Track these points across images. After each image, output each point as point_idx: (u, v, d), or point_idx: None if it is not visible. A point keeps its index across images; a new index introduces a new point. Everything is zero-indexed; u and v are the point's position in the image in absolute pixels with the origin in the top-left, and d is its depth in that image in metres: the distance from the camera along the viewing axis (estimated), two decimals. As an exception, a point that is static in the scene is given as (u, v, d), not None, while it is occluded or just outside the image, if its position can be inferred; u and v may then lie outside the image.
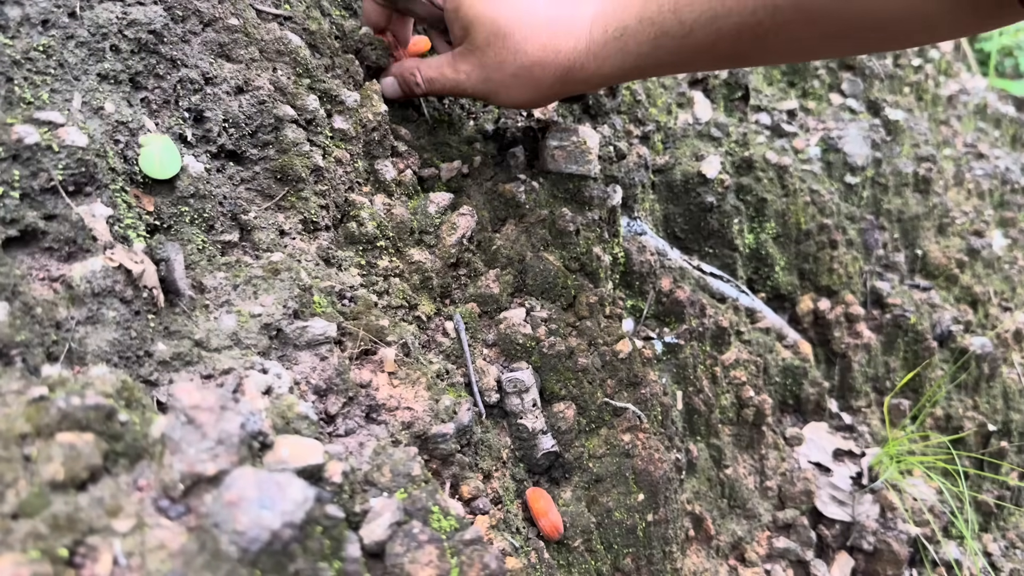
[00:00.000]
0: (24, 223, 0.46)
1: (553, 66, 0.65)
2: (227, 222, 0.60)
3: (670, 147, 1.06)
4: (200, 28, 0.59)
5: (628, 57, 0.63)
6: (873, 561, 0.96)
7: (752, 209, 1.06)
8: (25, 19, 0.50)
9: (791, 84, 1.34)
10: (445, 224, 0.75)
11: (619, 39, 0.62)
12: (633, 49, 0.62)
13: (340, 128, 0.69)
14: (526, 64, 0.65)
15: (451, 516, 0.47)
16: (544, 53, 0.64)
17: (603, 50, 0.63)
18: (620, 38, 0.62)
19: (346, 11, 0.78)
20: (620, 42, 0.62)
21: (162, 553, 0.33)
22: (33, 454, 0.34)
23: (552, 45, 0.64)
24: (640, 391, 0.83)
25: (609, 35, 0.63)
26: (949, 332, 1.21)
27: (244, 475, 0.34)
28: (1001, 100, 2.00)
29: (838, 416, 1.09)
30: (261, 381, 0.51)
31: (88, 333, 0.47)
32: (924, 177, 1.33)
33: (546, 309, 0.77)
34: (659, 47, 0.61)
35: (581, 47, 0.64)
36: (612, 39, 0.63)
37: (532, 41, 0.64)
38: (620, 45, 0.63)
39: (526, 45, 0.64)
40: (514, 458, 0.70)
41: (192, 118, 0.59)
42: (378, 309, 0.65)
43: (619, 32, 0.62)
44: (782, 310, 1.11)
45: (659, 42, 0.61)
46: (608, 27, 0.63)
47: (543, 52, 0.64)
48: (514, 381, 0.70)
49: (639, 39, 0.62)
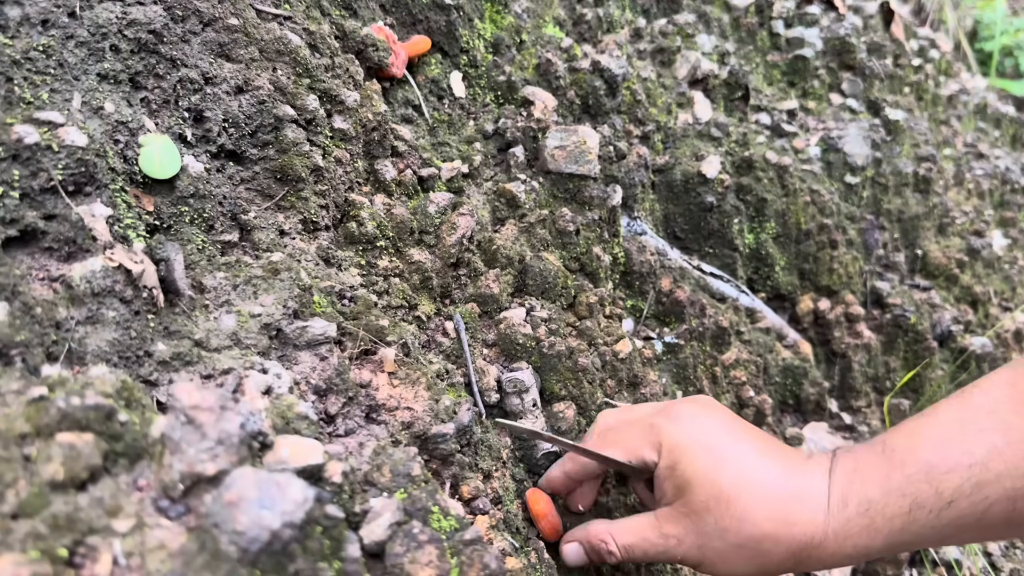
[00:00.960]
0: (24, 223, 0.46)
1: (787, 541, 0.56)
2: (227, 222, 0.60)
3: (670, 147, 1.06)
4: (200, 28, 0.59)
5: (877, 536, 0.54)
6: (873, 561, 0.96)
7: (752, 209, 1.06)
8: (25, 19, 0.50)
9: (791, 84, 1.34)
10: (445, 224, 0.75)
11: (864, 514, 0.54)
12: (882, 526, 0.54)
13: (340, 128, 0.69)
14: (755, 536, 0.56)
15: (451, 516, 0.47)
16: (775, 526, 0.56)
17: (845, 527, 0.55)
18: (866, 513, 0.54)
19: (346, 11, 0.78)
20: (866, 518, 0.54)
21: (162, 553, 0.33)
22: (33, 454, 0.34)
23: (785, 517, 0.56)
24: (640, 391, 0.83)
25: (851, 510, 0.55)
26: (949, 332, 1.21)
27: (244, 475, 0.34)
28: (1001, 100, 2.00)
29: (838, 416, 1.09)
30: (261, 381, 0.51)
31: (88, 333, 0.47)
32: (924, 177, 1.33)
33: (546, 309, 0.77)
34: (913, 521, 0.52)
35: (819, 521, 0.55)
36: (856, 514, 0.54)
37: (761, 510, 0.56)
38: (866, 522, 0.54)
39: (754, 514, 0.56)
40: (514, 458, 0.70)
41: (192, 118, 0.59)
42: (378, 309, 0.65)
43: (863, 507, 0.54)
44: (782, 310, 1.11)
45: (913, 516, 0.52)
46: (848, 500, 0.55)
47: (774, 524, 0.56)
48: (514, 381, 0.70)
49: (888, 514, 0.53)
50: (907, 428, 0.56)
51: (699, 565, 0.60)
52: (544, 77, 0.94)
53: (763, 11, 1.36)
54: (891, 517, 0.53)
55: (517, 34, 0.98)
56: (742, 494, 0.57)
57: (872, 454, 0.57)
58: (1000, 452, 0.50)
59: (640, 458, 0.62)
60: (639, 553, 0.61)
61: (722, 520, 0.57)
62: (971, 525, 0.52)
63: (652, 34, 1.17)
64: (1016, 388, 0.52)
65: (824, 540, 0.55)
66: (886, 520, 0.54)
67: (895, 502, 0.53)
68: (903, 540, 0.54)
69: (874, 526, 0.54)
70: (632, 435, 0.63)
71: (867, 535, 0.55)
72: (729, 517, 0.57)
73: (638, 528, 0.61)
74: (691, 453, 0.59)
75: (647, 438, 0.62)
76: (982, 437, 0.51)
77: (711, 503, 0.57)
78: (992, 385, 0.54)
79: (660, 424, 0.62)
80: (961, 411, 0.54)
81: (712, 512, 0.57)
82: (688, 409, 0.63)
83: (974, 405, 0.54)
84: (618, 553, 0.61)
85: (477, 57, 0.91)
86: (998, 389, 0.53)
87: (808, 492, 0.57)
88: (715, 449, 0.59)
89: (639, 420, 0.64)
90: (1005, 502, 0.50)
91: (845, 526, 0.55)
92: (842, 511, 0.55)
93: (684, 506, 0.59)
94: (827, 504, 0.56)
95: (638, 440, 0.62)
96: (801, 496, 0.57)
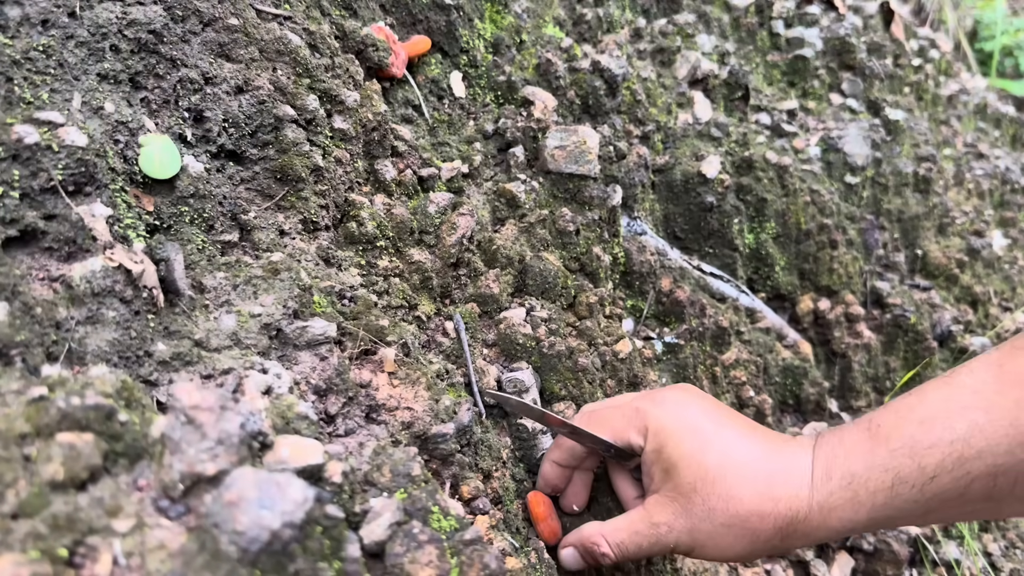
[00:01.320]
0: (24, 223, 0.46)
1: (772, 516, 0.57)
2: (227, 222, 0.60)
3: (670, 147, 1.06)
4: (200, 28, 0.59)
5: (860, 509, 0.55)
6: (873, 561, 0.96)
7: (752, 209, 1.06)
8: (25, 19, 0.50)
9: (791, 84, 1.34)
10: (445, 224, 0.75)
11: (847, 487, 0.55)
12: (866, 500, 0.54)
13: (340, 128, 0.69)
14: (741, 513, 0.57)
15: (451, 516, 0.47)
16: (761, 501, 0.57)
17: (829, 499, 0.56)
18: (849, 486, 0.55)
19: (346, 11, 0.78)
20: (849, 491, 0.55)
21: (162, 553, 0.33)
22: (33, 454, 0.34)
23: (770, 493, 0.57)
24: (640, 391, 0.83)
25: (835, 483, 0.56)
26: (949, 332, 1.21)
27: (244, 475, 0.34)
28: (1001, 100, 2.00)
29: (838, 416, 1.09)
30: (261, 381, 0.51)
31: (88, 333, 0.47)
32: (924, 177, 1.33)
33: (546, 309, 0.77)
34: (896, 496, 0.53)
35: (803, 495, 0.56)
36: (839, 487, 0.55)
37: (746, 487, 0.57)
38: (849, 495, 0.55)
39: (740, 491, 0.57)
40: (514, 458, 0.70)
41: (192, 118, 0.59)
42: (378, 309, 0.65)
43: (846, 480, 0.55)
44: (782, 310, 1.11)
45: (896, 491, 0.53)
46: (832, 473, 0.56)
47: (760, 500, 0.57)
48: (514, 381, 0.70)
49: (871, 487, 0.54)
50: (894, 406, 0.57)
51: (691, 551, 0.61)
52: (544, 77, 0.94)
53: (763, 11, 1.36)
54: (874, 491, 0.54)
55: (517, 34, 0.98)
56: (727, 473, 0.58)
57: (858, 431, 0.58)
58: (982, 429, 0.51)
59: (626, 441, 0.63)
60: (632, 548, 0.62)
61: (709, 500, 0.58)
62: (953, 500, 0.52)
63: (652, 34, 1.17)
64: (1003, 369, 0.53)
65: (809, 514, 0.56)
66: (869, 494, 0.55)
67: (878, 476, 0.54)
68: (886, 515, 0.55)
69: (857, 499, 0.55)
70: (618, 418, 0.64)
71: (851, 508, 0.55)
72: (716, 497, 0.58)
73: (628, 524, 0.62)
74: (677, 436, 0.60)
75: (632, 422, 0.63)
76: (965, 414, 0.52)
77: (698, 484, 0.58)
78: (980, 365, 0.55)
79: (646, 408, 0.63)
80: (947, 390, 0.55)
81: (699, 493, 0.58)
82: (673, 395, 0.65)
83: (960, 384, 0.54)
84: (611, 553, 0.62)
85: (477, 57, 0.91)
86: (985, 370, 0.54)
87: (792, 468, 0.58)
88: (700, 431, 0.60)
89: (624, 404, 0.66)
90: (986, 478, 0.51)
91: (828, 499, 0.56)
92: (825, 484, 0.56)
93: (672, 490, 0.60)
94: (811, 479, 0.57)
95: (624, 423, 0.63)
96: (785, 472, 0.58)
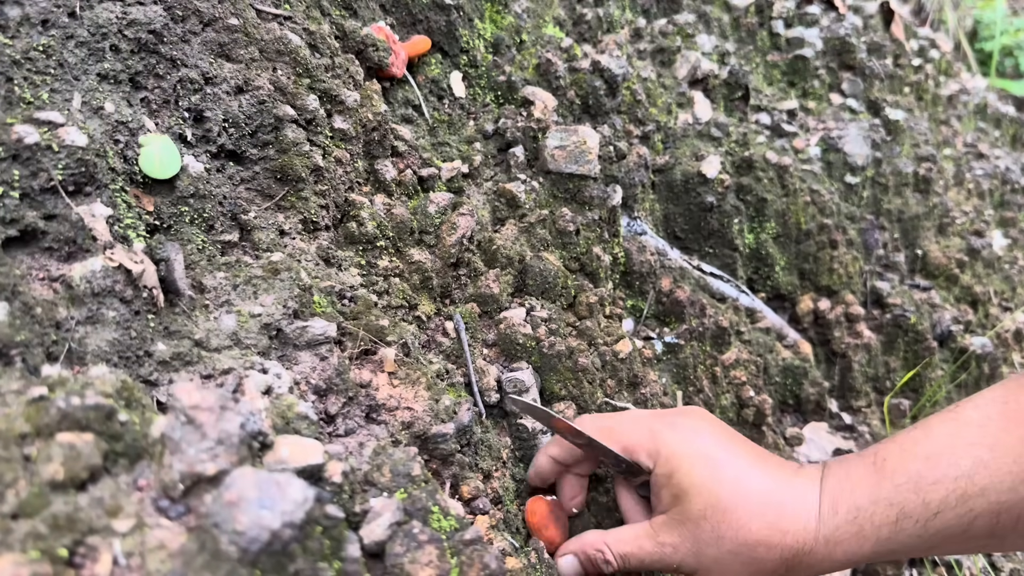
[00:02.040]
0: (24, 223, 0.46)
1: (779, 547, 0.58)
2: (227, 222, 0.60)
3: (670, 147, 1.06)
4: (200, 28, 0.59)
5: (865, 543, 0.56)
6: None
7: (752, 209, 1.06)
8: (25, 19, 0.50)
9: (791, 84, 1.34)
10: (445, 224, 0.75)
11: (853, 521, 0.56)
12: (871, 534, 0.55)
13: (340, 128, 0.69)
14: (749, 542, 0.58)
15: (451, 516, 0.47)
16: (770, 532, 0.58)
17: (835, 533, 0.57)
18: (854, 520, 0.56)
19: (346, 11, 0.78)
20: (855, 525, 0.56)
21: (162, 553, 0.33)
22: (33, 454, 0.34)
23: (779, 524, 0.58)
24: (640, 391, 0.83)
25: (841, 517, 0.57)
26: (949, 332, 1.21)
27: (244, 475, 0.34)
28: (1001, 100, 2.00)
29: (838, 416, 1.09)
30: (261, 381, 0.51)
31: (88, 333, 0.47)
32: (924, 177, 1.33)
33: (546, 309, 0.77)
34: (900, 530, 0.54)
35: (811, 527, 0.57)
36: (845, 521, 0.56)
37: (756, 518, 0.58)
38: (855, 529, 0.56)
39: (750, 522, 0.58)
40: (514, 458, 0.70)
41: (192, 118, 0.59)
42: (378, 309, 0.65)
43: (852, 514, 0.56)
44: (782, 310, 1.11)
45: (900, 526, 0.54)
46: (839, 507, 0.57)
47: (769, 531, 0.58)
48: (514, 381, 0.70)
49: (876, 521, 0.55)
50: (899, 439, 0.58)
51: (695, 572, 0.61)
52: (544, 77, 0.94)
53: (763, 11, 1.36)
54: (879, 525, 0.55)
55: (517, 34, 0.98)
56: (739, 503, 0.59)
57: (863, 464, 0.58)
58: (986, 466, 0.51)
59: (635, 458, 0.63)
60: (635, 562, 0.62)
61: (719, 528, 0.59)
62: (956, 536, 0.53)
63: (652, 34, 1.17)
64: (1008, 406, 0.53)
65: (815, 547, 0.57)
66: (874, 528, 0.55)
67: (883, 511, 0.55)
68: (890, 548, 0.56)
69: (862, 533, 0.56)
70: (631, 434, 0.64)
71: (856, 542, 0.56)
72: (726, 525, 0.58)
73: (634, 537, 0.63)
74: (689, 462, 0.60)
75: (644, 443, 0.63)
76: (970, 451, 0.53)
77: (708, 511, 0.59)
78: (985, 401, 0.55)
79: (660, 431, 0.63)
80: (953, 425, 0.55)
81: (709, 520, 0.59)
82: (686, 421, 0.65)
83: (966, 420, 0.55)
84: (615, 562, 0.63)
85: (477, 57, 0.91)
86: (990, 406, 0.54)
87: (800, 500, 0.59)
88: (712, 460, 0.61)
89: (638, 421, 0.65)
90: (989, 515, 0.51)
91: (835, 532, 0.57)
92: (832, 518, 0.57)
93: (680, 514, 0.60)
94: (818, 512, 0.58)
95: (636, 441, 0.63)
96: (794, 504, 0.59)
